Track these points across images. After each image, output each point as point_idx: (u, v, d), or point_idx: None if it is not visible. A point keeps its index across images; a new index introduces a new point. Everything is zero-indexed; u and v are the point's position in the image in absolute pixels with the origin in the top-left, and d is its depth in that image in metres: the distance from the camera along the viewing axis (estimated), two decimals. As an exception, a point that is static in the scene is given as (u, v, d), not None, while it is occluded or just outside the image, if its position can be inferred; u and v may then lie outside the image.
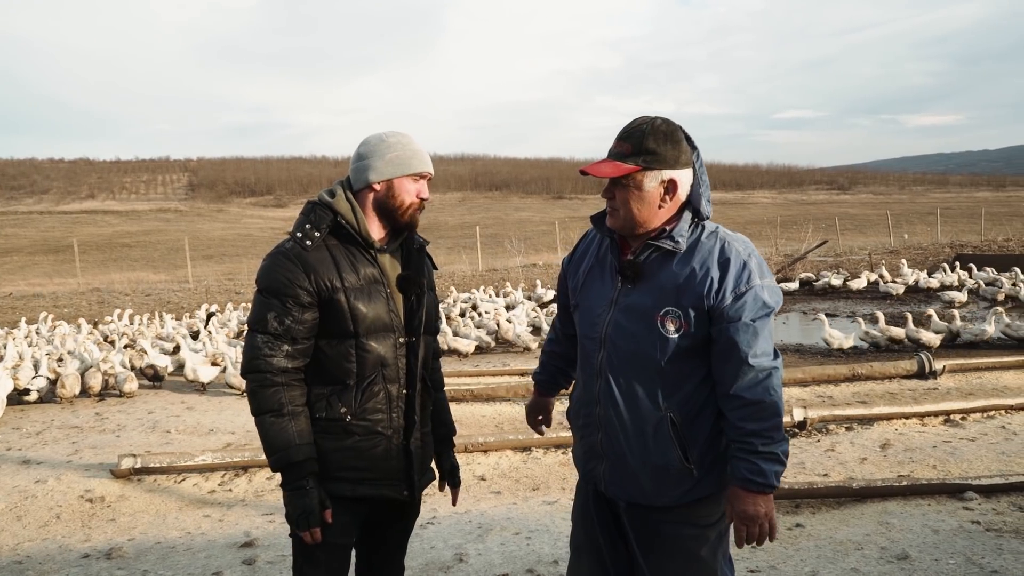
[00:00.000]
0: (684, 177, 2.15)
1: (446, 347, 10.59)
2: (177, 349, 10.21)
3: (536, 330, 12.07)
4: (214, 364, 9.51)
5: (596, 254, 2.35)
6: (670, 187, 2.14)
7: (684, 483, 2.17)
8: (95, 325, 14.12)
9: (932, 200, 77.82)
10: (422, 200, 2.45)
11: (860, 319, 10.82)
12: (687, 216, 2.16)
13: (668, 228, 2.15)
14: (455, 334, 11.24)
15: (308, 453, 2.29)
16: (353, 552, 2.59)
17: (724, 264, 2.09)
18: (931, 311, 11.38)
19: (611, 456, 2.24)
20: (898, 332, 10.23)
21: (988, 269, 17.03)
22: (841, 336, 10.25)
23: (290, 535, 2.46)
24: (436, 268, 2.69)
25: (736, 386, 2.08)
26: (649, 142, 2.11)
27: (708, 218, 2.20)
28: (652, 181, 2.12)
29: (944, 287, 16.05)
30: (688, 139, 2.17)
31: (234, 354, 9.16)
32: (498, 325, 11.64)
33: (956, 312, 11.23)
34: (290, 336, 2.30)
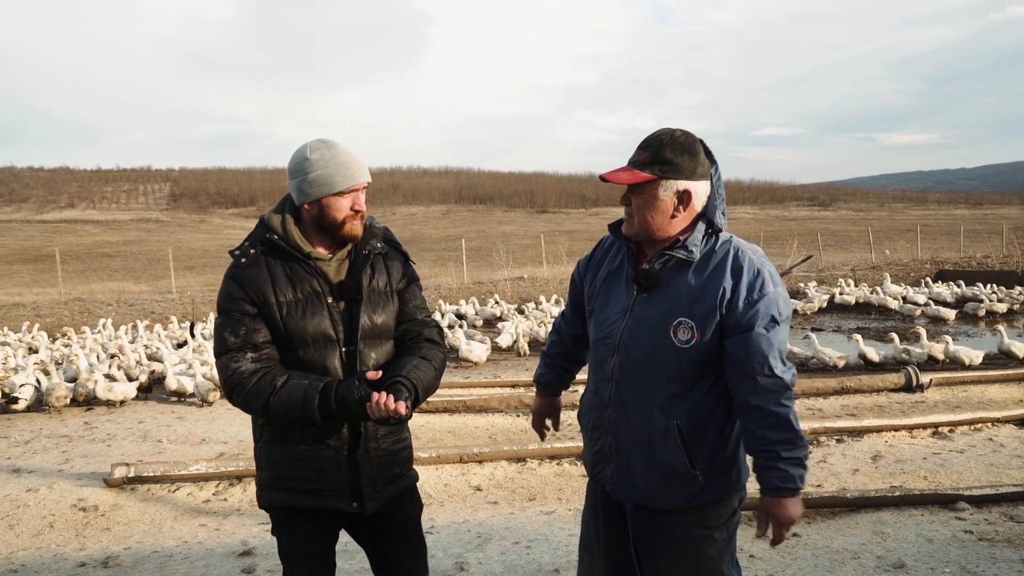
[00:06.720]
0: (700, 188, 2.20)
1: (459, 356, 10.98)
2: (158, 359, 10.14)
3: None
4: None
5: (613, 261, 2.38)
6: (684, 197, 2.18)
7: (690, 488, 2.20)
8: (80, 335, 13.95)
9: (911, 217, 78.69)
10: (357, 212, 2.36)
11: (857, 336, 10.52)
12: (701, 226, 2.20)
13: (682, 238, 2.19)
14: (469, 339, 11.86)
15: (321, 381, 2.25)
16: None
17: (737, 272, 2.13)
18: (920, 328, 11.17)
19: (618, 459, 2.28)
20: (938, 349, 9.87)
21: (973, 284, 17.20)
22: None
23: (272, 534, 2.49)
24: (411, 263, 2.57)
25: (755, 397, 2.11)
26: (667, 152, 2.15)
27: (722, 230, 2.24)
28: (667, 191, 2.17)
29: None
30: (708, 152, 2.21)
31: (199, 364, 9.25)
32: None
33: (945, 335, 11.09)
34: (250, 343, 2.29)
